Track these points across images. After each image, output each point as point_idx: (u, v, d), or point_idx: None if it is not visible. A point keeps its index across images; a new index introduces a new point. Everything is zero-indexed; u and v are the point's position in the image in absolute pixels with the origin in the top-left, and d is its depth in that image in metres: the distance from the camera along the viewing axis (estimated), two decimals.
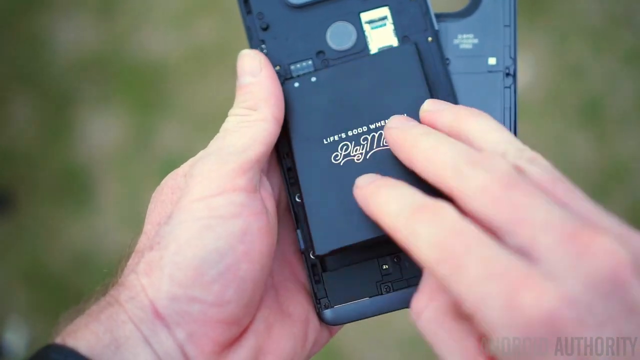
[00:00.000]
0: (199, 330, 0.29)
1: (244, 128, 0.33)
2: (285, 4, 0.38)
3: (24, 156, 1.32)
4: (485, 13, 0.38)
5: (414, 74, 0.36)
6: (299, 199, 0.36)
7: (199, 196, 0.30)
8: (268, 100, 0.34)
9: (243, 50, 0.36)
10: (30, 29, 1.38)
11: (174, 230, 0.30)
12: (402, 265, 0.35)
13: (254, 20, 0.38)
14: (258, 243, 0.31)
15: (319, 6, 0.38)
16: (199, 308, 0.29)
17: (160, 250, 0.30)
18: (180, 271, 0.29)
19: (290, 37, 0.37)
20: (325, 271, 0.35)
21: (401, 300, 0.34)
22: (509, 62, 0.37)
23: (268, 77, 0.35)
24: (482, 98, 0.37)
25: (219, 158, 0.32)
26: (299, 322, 0.34)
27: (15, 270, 1.27)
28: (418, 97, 0.34)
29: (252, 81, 0.35)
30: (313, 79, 0.36)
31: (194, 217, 0.30)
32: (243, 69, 0.35)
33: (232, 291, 0.29)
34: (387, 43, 0.37)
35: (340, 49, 0.37)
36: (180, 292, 0.29)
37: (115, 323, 0.28)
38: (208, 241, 0.29)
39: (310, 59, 0.37)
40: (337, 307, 0.35)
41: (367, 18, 0.37)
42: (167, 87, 1.32)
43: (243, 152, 0.32)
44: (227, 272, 0.29)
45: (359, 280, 0.35)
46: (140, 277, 0.29)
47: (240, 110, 0.34)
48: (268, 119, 0.34)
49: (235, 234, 0.30)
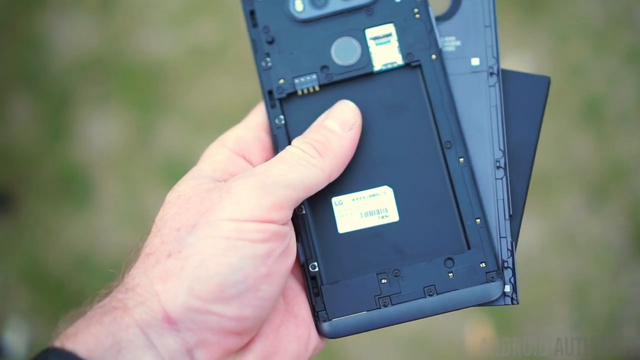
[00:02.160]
0: (212, 338, 0.29)
1: (300, 166, 0.33)
2: (291, 18, 0.38)
3: (23, 156, 1.32)
4: (466, 15, 0.39)
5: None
6: (300, 211, 0.36)
7: (231, 217, 0.30)
8: (337, 158, 0.34)
9: (348, 101, 0.36)
10: (29, 29, 1.38)
11: (198, 243, 0.30)
12: (401, 280, 0.35)
13: (259, 33, 0.38)
14: (280, 265, 0.31)
15: (324, 21, 0.38)
16: (216, 320, 0.29)
17: (180, 259, 0.29)
18: (200, 285, 0.29)
19: (295, 51, 0.38)
20: (324, 284, 0.35)
21: (399, 315, 0.35)
22: (492, 61, 0.38)
23: (352, 139, 0.35)
24: (468, 98, 0.38)
25: (262, 185, 0.31)
26: (304, 324, 0.34)
27: (15, 270, 1.27)
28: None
29: (337, 132, 0.35)
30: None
31: (221, 235, 0.30)
32: (337, 115, 0.36)
33: (250, 310, 0.30)
34: (391, 60, 0.38)
35: (345, 64, 0.38)
36: (198, 304, 0.29)
37: (119, 327, 0.28)
38: (233, 260, 0.29)
39: (315, 73, 0.38)
40: (335, 320, 0.35)
41: (372, 34, 0.38)
42: (166, 87, 1.32)
43: (287, 188, 0.32)
44: (247, 292, 0.29)
45: (357, 294, 0.35)
46: (154, 284, 0.29)
47: (308, 147, 0.34)
48: (326, 172, 0.34)
49: (260, 256, 0.30)
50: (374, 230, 0.36)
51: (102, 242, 1.26)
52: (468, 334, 1.12)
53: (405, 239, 0.36)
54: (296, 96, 0.38)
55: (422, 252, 0.36)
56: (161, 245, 0.31)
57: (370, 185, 0.37)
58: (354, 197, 0.37)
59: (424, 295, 0.35)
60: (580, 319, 1.14)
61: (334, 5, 0.38)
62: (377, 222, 0.36)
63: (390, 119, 0.37)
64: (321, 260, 0.36)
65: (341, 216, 0.36)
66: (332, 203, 0.37)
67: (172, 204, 0.32)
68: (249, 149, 0.36)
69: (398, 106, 0.37)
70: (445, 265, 0.35)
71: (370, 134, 0.37)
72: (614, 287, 1.16)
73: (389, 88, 0.37)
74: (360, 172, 0.37)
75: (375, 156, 0.37)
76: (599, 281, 1.16)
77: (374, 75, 0.37)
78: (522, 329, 1.12)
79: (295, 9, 0.38)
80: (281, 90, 0.38)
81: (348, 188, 0.37)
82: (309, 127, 0.36)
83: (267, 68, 0.38)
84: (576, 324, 1.14)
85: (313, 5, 0.38)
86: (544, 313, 1.15)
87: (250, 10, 0.38)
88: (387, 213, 0.36)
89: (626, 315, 1.15)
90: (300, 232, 0.36)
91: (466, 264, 0.35)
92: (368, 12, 0.38)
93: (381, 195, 0.37)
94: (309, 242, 0.36)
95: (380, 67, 0.37)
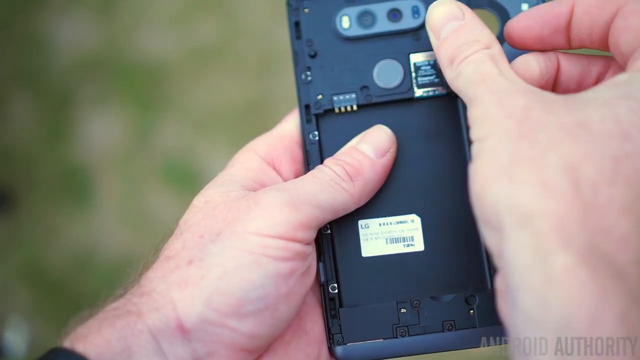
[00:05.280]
0: (222, 351, 0.29)
1: (331, 188, 0.32)
2: (336, 35, 0.38)
3: (24, 156, 1.32)
4: (506, 47, 0.38)
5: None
6: (325, 230, 0.36)
7: (257, 231, 0.29)
8: (368, 184, 0.34)
9: (384, 127, 0.35)
10: (29, 29, 1.38)
11: (222, 253, 0.29)
12: (420, 311, 0.35)
13: (302, 45, 0.38)
14: (300, 286, 0.31)
15: (369, 41, 0.38)
16: (230, 335, 0.29)
17: (202, 268, 0.29)
18: (220, 297, 0.28)
19: (337, 68, 0.37)
20: (342, 307, 0.35)
21: (416, 346, 0.34)
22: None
23: (384, 166, 0.34)
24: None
25: (291, 202, 0.30)
26: (314, 342, 0.34)
27: (15, 269, 1.27)
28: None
29: (370, 156, 0.34)
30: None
31: (246, 249, 0.29)
32: (372, 140, 0.35)
33: (265, 328, 0.29)
34: (433, 88, 0.37)
35: (386, 86, 0.37)
36: (215, 317, 0.28)
37: (132, 332, 0.28)
38: (256, 277, 0.29)
39: (354, 92, 0.37)
40: (350, 345, 0.34)
41: (416, 60, 0.37)
42: (167, 86, 1.32)
43: (316, 208, 0.31)
44: (265, 310, 0.29)
45: (375, 321, 0.34)
46: (172, 290, 0.29)
47: (340, 170, 0.33)
48: (355, 198, 0.33)
49: (282, 275, 0.29)
50: (398, 258, 0.36)
51: (102, 242, 1.26)
52: None
53: (428, 271, 0.35)
54: (333, 113, 0.37)
55: (444, 285, 0.35)
56: (182, 250, 0.30)
57: (399, 212, 0.36)
58: (381, 222, 0.36)
59: (442, 330, 0.34)
60: None
61: (381, 26, 0.37)
62: (401, 249, 0.36)
63: (424, 147, 0.36)
64: (342, 282, 0.35)
65: (366, 240, 0.36)
66: (358, 225, 0.36)
67: (198, 209, 0.32)
68: (279, 159, 0.36)
69: (434, 135, 0.36)
70: (466, 302, 0.35)
71: (403, 160, 0.36)
72: None
73: (427, 116, 0.37)
74: (389, 198, 0.36)
75: (406, 183, 0.36)
76: None
77: (414, 101, 0.37)
78: None
79: (341, 26, 0.37)
80: (319, 106, 0.37)
81: (376, 212, 0.36)
82: (342, 146, 0.36)
83: (306, 82, 0.37)
84: None
85: (360, 23, 0.37)
86: None
87: (295, 21, 0.38)
88: (412, 242, 0.36)
89: None
90: (323, 252, 0.35)
91: (487, 303, 0.34)
92: (415, 36, 0.37)
93: (409, 223, 0.36)
94: (331, 263, 0.35)
95: (421, 94, 0.37)
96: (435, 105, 0.37)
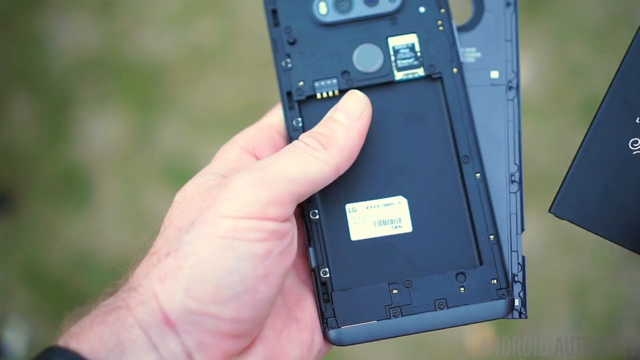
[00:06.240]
0: (210, 340, 0.28)
1: (302, 159, 0.32)
2: (314, 21, 0.38)
3: (23, 156, 1.32)
4: (487, 27, 0.39)
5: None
6: (314, 216, 0.36)
7: (227, 214, 0.29)
8: (344, 150, 0.33)
9: (356, 91, 0.35)
10: (29, 29, 1.38)
11: (195, 242, 0.29)
12: (412, 291, 0.35)
13: (281, 33, 0.38)
14: (278, 265, 0.30)
15: (348, 26, 0.38)
16: (213, 322, 0.28)
17: (177, 259, 0.29)
18: (197, 285, 0.28)
19: (317, 54, 0.37)
20: (334, 291, 0.35)
21: (409, 326, 0.34)
22: (512, 75, 0.38)
23: (359, 129, 0.34)
24: (485, 110, 0.38)
25: (260, 179, 0.30)
26: (306, 329, 0.34)
27: (15, 270, 1.27)
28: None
29: (342, 122, 0.34)
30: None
31: (217, 234, 0.29)
32: (344, 106, 0.34)
33: (247, 311, 0.29)
34: (412, 71, 0.37)
35: (366, 71, 0.37)
36: (195, 305, 0.28)
37: (122, 326, 0.28)
38: (229, 261, 0.29)
39: (335, 78, 0.37)
40: (344, 328, 0.35)
41: (394, 43, 0.38)
42: (166, 87, 1.32)
43: (288, 182, 0.31)
44: (245, 293, 0.29)
45: (368, 303, 0.35)
46: (153, 283, 0.29)
47: (312, 141, 0.33)
48: (331, 166, 0.32)
49: (258, 257, 0.29)
50: (387, 240, 0.36)
51: (102, 242, 1.26)
52: (468, 334, 1.12)
53: (417, 251, 0.36)
54: (315, 99, 0.37)
55: (434, 264, 0.36)
56: (164, 244, 0.30)
57: (385, 195, 0.36)
58: (368, 205, 0.36)
59: (435, 308, 0.35)
60: (580, 319, 1.14)
61: (358, 10, 0.38)
62: (390, 231, 0.36)
63: (408, 129, 0.37)
64: (332, 267, 0.36)
65: (354, 223, 0.36)
66: (345, 210, 0.36)
67: (178, 204, 0.32)
68: (260, 147, 0.36)
69: (416, 117, 0.37)
70: (457, 279, 0.35)
71: (387, 143, 0.37)
72: (613, 287, 1.16)
73: (408, 98, 0.37)
74: (375, 181, 0.36)
75: (391, 165, 0.37)
76: (599, 281, 1.16)
77: (395, 84, 0.37)
78: (522, 329, 1.12)
79: (319, 12, 0.38)
80: (300, 93, 0.37)
81: (362, 196, 0.36)
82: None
83: (287, 69, 0.37)
84: (576, 324, 1.14)
85: (337, 9, 0.38)
86: (544, 313, 1.15)
87: (272, 9, 0.38)
88: (400, 223, 0.36)
89: (626, 315, 1.15)
90: (313, 237, 0.36)
91: (478, 280, 0.35)
92: (392, 20, 0.38)
93: (395, 205, 0.36)
94: (321, 248, 0.36)
95: (401, 77, 0.37)
96: (416, 87, 0.37)
